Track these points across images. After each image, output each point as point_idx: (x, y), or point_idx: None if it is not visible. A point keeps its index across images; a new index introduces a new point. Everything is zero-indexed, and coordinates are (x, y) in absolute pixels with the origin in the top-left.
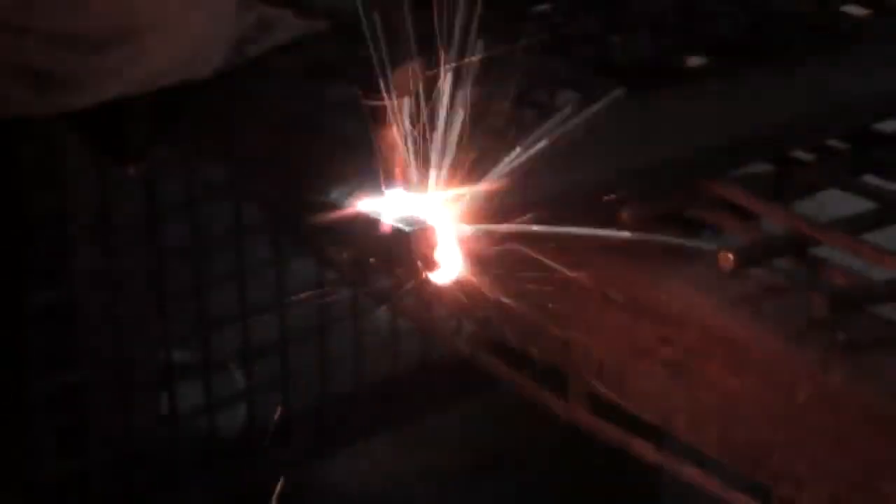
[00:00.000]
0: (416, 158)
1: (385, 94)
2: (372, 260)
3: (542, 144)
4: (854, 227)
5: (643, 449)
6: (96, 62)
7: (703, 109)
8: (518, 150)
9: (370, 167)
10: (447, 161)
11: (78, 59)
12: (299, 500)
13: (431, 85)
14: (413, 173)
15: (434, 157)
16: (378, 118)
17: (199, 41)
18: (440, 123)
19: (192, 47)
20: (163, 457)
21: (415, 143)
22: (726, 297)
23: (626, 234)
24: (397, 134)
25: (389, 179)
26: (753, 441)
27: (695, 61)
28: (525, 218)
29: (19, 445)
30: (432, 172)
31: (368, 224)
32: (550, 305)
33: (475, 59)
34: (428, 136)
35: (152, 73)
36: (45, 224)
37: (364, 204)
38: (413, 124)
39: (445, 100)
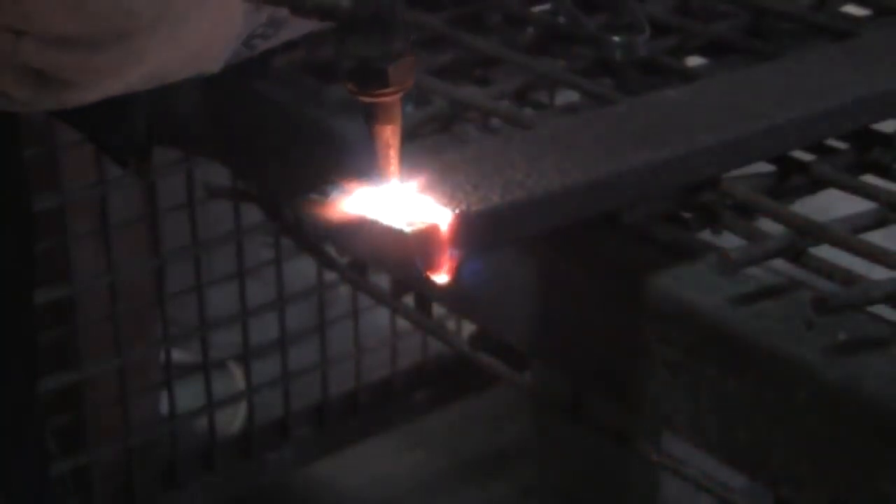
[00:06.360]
0: (413, 157)
1: (380, 90)
2: (371, 260)
3: (540, 144)
4: (854, 227)
5: (643, 449)
6: (94, 62)
7: (703, 109)
8: (515, 148)
9: (369, 167)
10: (444, 159)
11: (76, 59)
12: (299, 500)
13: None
14: (411, 173)
15: (430, 156)
16: (373, 115)
17: (206, 39)
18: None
19: (198, 45)
20: (163, 457)
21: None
22: (726, 297)
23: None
24: (393, 131)
25: (388, 179)
26: (753, 441)
27: (695, 61)
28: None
29: (21, 445)
30: (430, 171)
31: (368, 224)
32: (550, 305)
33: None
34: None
35: (155, 70)
36: (45, 224)
37: (363, 204)
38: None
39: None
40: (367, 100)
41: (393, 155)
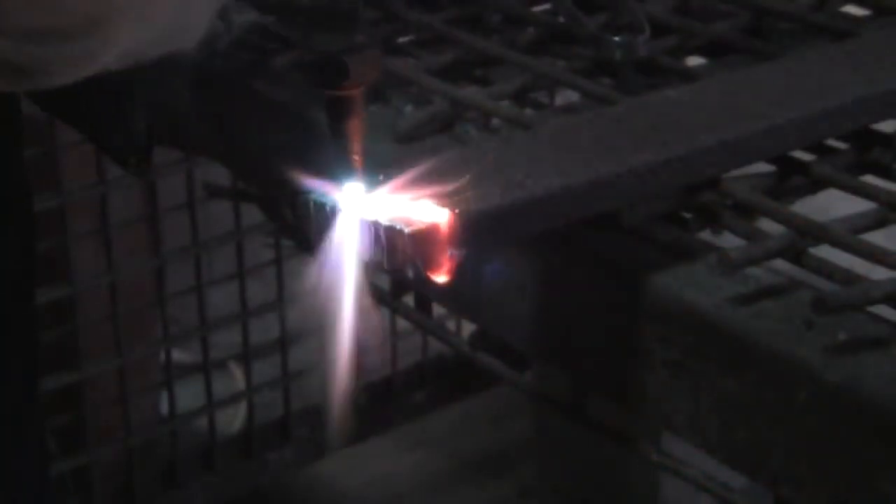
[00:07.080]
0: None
1: (342, 84)
2: (370, 260)
3: (540, 144)
4: (854, 227)
5: (643, 449)
6: (69, 51)
7: (703, 109)
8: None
9: (368, 167)
10: (441, 159)
11: (50, 51)
12: (299, 500)
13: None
14: (410, 172)
15: (428, 155)
16: (335, 109)
17: (179, 15)
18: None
19: (170, 21)
20: (163, 457)
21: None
22: (726, 297)
23: (625, 233)
24: (356, 125)
25: (349, 173)
26: (753, 441)
27: (695, 61)
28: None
29: (21, 445)
30: (427, 171)
31: (366, 224)
32: (550, 305)
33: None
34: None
35: (130, 49)
36: (45, 224)
37: (362, 204)
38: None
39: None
40: (330, 93)
41: (355, 149)
